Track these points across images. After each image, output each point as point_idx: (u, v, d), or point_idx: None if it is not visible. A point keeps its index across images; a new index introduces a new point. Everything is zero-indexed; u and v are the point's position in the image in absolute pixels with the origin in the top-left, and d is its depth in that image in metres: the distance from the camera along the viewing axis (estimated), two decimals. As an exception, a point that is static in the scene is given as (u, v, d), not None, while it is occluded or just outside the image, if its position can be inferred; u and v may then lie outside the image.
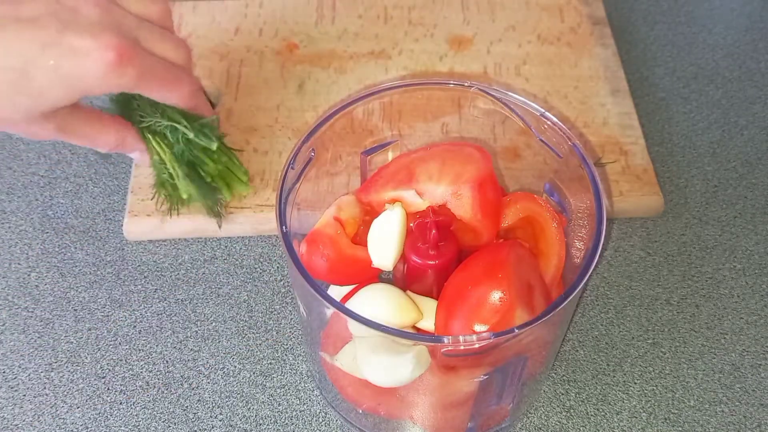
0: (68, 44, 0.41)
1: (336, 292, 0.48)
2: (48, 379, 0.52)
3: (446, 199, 0.44)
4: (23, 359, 0.52)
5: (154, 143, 0.52)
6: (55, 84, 0.42)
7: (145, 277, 0.56)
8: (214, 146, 0.53)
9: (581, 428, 0.50)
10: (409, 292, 0.45)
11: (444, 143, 0.48)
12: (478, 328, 0.40)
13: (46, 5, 0.41)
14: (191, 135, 0.51)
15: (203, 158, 0.53)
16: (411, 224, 0.45)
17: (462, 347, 0.38)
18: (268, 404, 0.51)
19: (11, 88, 0.41)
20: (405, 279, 0.47)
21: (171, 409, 0.50)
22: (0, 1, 0.41)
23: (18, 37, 0.40)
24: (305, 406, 0.51)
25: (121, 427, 0.50)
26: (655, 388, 0.52)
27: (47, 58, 0.41)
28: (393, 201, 0.45)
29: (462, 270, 0.43)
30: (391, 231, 0.44)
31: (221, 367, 0.52)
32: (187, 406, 0.51)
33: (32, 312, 0.55)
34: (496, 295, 0.40)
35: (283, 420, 0.50)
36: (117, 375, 0.52)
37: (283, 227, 0.41)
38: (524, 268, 0.43)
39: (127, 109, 0.51)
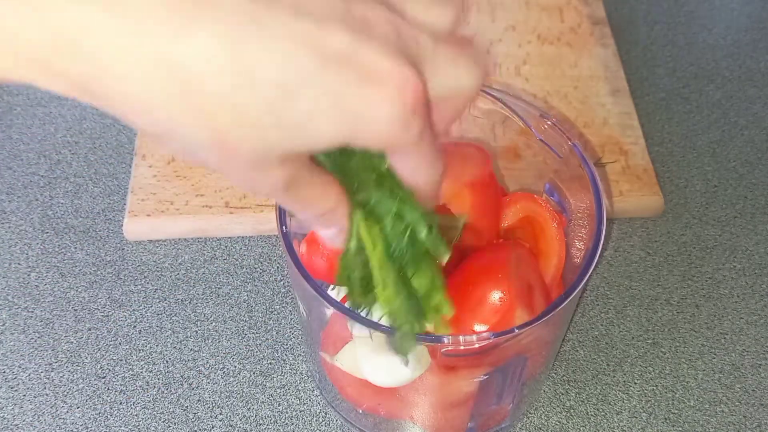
0: (359, 62, 0.27)
1: (336, 292, 0.48)
2: (48, 379, 0.52)
3: (446, 201, 0.44)
4: (23, 359, 0.52)
5: (362, 228, 0.35)
6: (324, 116, 0.27)
7: (145, 277, 0.56)
8: (447, 258, 0.37)
9: (581, 428, 0.50)
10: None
11: (444, 143, 0.48)
12: (478, 328, 0.40)
13: (331, 4, 0.28)
14: (423, 234, 0.35)
15: (421, 267, 0.36)
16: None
17: (462, 347, 0.38)
18: (268, 404, 0.51)
19: (265, 111, 0.26)
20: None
21: (171, 409, 0.50)
22: None
23: (291, 38, 0.26)
24: (305, 406, 0.51)
25: (121, 427, 0.50)
26: (655, 388, 0.52)
27: (328, 77, 0.27)
28: None
29: (462, 270, 0.43)
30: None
31: (221, 367, 0.52)
32: (187, 406, 0.51)
33: (32, 312, 0.55)
34: (496, 296, 0.40)
35: (283, 420, 0.50)
36: (117, 375, 0.52)
37: (283, 227, 0.41)
38: (524, 268, 0.43)
39: (342, 168, 0.34)
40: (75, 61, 0.25)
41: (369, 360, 0.41)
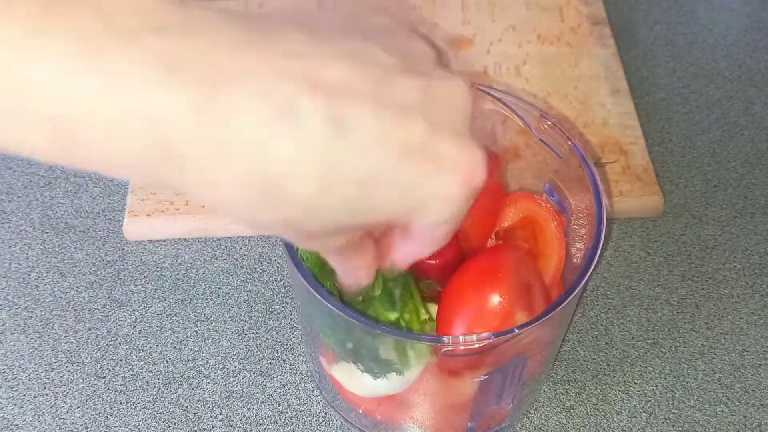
0: (435, 153, 0.27)
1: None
2: (48, 379, 0.52)
3: None
4: (23, 359, 0.52)
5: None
6: (396, 201, 0.28)
7: (145, 277, 0.56)
8: (393, 317, 0.40)
9: (581, 428, 0.50)
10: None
11: None
12: None
13: (420, 91, 0.28)
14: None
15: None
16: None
17: (462, 347, 0.38)
18: (268, 404, 0.51)
19: (342, 208, 0.27)
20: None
21: (171, 409, 0.50)
22: (369, 77, 0.27)
23: (372, 132, 0.26)
24: (305, 406, 0.51)
25: (121, 427, 0.50)
26: (655, 388, 0.52)
27: (405, 169, 0.27)
28: None
29: (460, 276, 0.43)
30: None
31: (221, 367, 0.52)
32: (187, 406, 0.51)
33: (32, 312, 0.55)
34: (495, 300, 0.40)
35: (283, 420, 0.50)
36: (117, 375, 0.52)
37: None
38: (522, 270, 0.43)
39: None
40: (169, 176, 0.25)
41: (360, 377, 0.42)
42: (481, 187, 0.29)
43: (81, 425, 0.50)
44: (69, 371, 0.52)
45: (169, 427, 0.50)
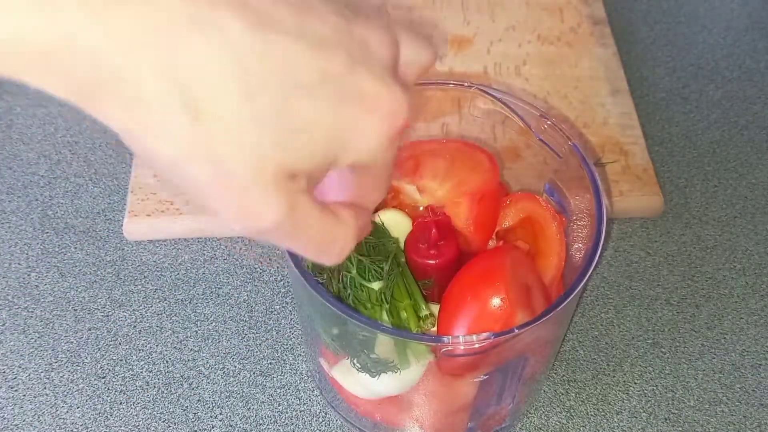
0: (356, 85, 0.28)
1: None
2: (48, 379, 0.52)
3: (445, 203, 0.45)
4: (23, 359, 0.52)
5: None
6: (317, 130, 0.28)
7: (145, 277, 0.56)
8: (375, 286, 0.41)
9: (581, 428, 0.50)
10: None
11: (458, 141, 0.48)
12: None
13: (335, 27, 0.28)
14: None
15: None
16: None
17: (462, 347, 0.38)
18: (268, 404, 0.51)
19: (259, 122, 0.26)
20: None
21: (171, 409, 0.50)
22: (278, 2, 0.28)
23: (294, 55, 0.27)
24: (305, 406, 0.51)
25: (121, 427, 0.50)
26: (655, 388, 0.52)
27: (322, 96, 0.28)
28: (394, 201, 0.45)
29: (459, 279, 0.43)
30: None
31: (221, 367, 0.52)
32: (187, 406, 0.51)
33: (32, 312, 0.55)
34: (495, 303, 0.40)
35: (283, 420, 0.50)
36: (117, 375, 0.52)
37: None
38: (521, 271, 0.43)
39: None
40: (80, 65, 0.25)
41: (360, 378, 0.42)
42: (403, 127, 0.30)
43: (81, 425, 0.50)
44: (69, 371, 0.52)
45: (169, 427, 0.50)
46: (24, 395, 0.51)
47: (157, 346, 0.53)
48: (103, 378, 0.52)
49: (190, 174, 0.27)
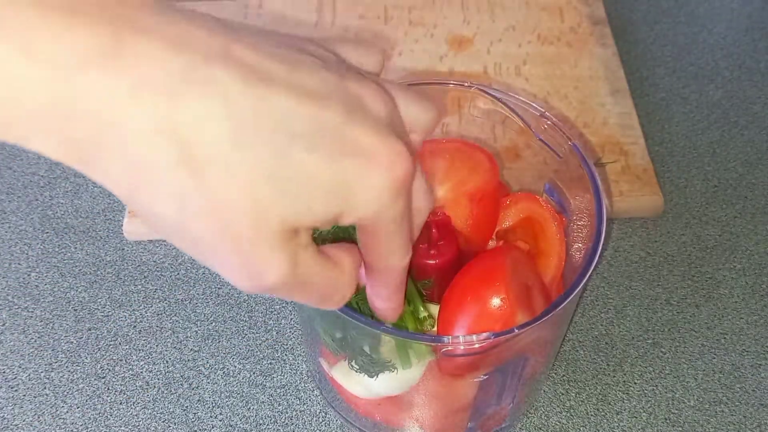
0: (353, 137, 0.28)
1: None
2: (48, 379, 0.52)
3: (444, 203, 0.45)
4: (23, 359, 0.52)
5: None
6: (319, 184, 0.27)
7: (145, 277, 0.56)
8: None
9: (581, 428, 0.50)
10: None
11: (457, 140, 0.48)
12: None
13: (328, 81, 0.28)
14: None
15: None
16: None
17: (462, 347, 0.38)
18: (268, 404, 0.51)
19: (262, 176, 0.26)
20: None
21: (171, 409, 0.50)
22: (273, 56, 0.27)
23: (289, 105, 0.26)
24: (305, 406, 0.51)
25: (121, 427, 0.50)
26: (655, 388, 0.52)
27: (324, 148, 0.27)
28: None
29: (459, 280, 0.43)
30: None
31: (221, 367, 0.52)
32: (187, 406, 0.51)
33: (32, 312, 0.55)
34: (495, 303, 0.40)
35: (283, 420, 0.50)
36: (117, 375, 0.52)
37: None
38: (521, 271, 0.43)
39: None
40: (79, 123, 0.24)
41: (360, 378, 0.42)
42: (408, 180, 0.29)
43: (81, 425, 0.50)
44: (69, 371, 0.52)
45: (169, 427, 0.50)
46: (24, 395, 0.51)
47: (157, 346, 0.53)
48: (103, 378, 0.52)
49: (193, 231, 0.27)
